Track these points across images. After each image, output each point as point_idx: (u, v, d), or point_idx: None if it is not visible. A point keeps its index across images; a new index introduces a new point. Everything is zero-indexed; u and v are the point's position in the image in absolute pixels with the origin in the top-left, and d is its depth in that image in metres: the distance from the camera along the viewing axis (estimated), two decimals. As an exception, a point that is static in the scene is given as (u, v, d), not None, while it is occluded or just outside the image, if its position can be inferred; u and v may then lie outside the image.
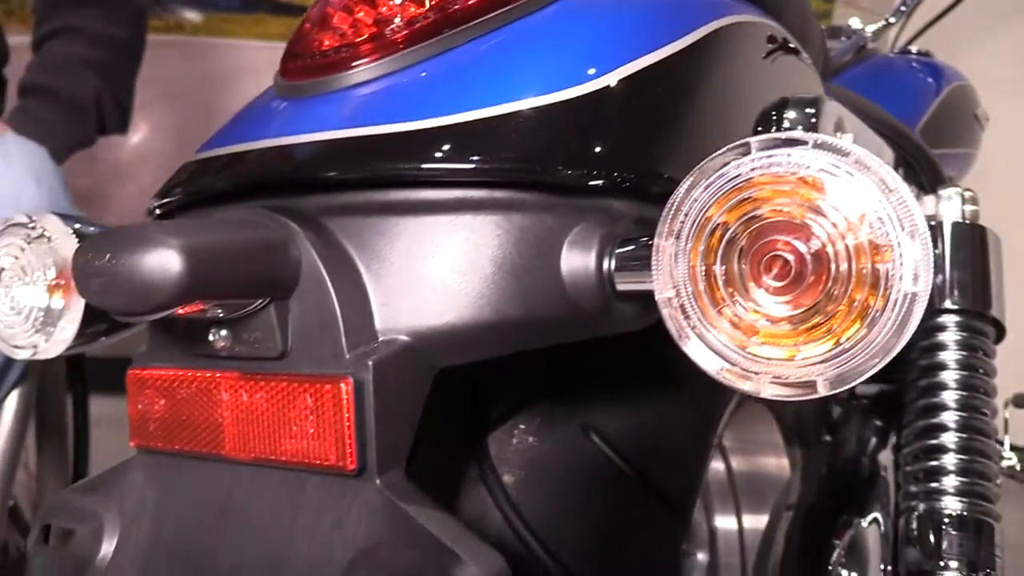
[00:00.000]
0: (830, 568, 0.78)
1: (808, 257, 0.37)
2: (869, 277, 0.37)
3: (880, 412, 1.14)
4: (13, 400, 1.10)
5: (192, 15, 2.47)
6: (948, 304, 0.94)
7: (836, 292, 0.38)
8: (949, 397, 0.91)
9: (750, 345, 0.38)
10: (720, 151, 0.39)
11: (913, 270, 0.36)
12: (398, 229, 0.46)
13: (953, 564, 0.85)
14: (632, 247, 0.46)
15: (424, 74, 0.50)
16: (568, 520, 0.58)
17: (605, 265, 0.46)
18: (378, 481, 0.43)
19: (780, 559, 0.77)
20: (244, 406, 0.46)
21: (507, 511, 0.57)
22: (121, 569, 0.49)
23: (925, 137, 1.28)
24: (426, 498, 0.43)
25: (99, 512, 0.51)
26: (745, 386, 0.39)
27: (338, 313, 0.44)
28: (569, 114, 0.47)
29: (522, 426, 0.61)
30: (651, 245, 0.44)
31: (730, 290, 0.39)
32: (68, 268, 0.61)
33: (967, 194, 0.96)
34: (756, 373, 0.39)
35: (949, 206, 0.97)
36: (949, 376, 0.92)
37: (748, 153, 0.38)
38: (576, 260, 0.46)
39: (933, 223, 1.02)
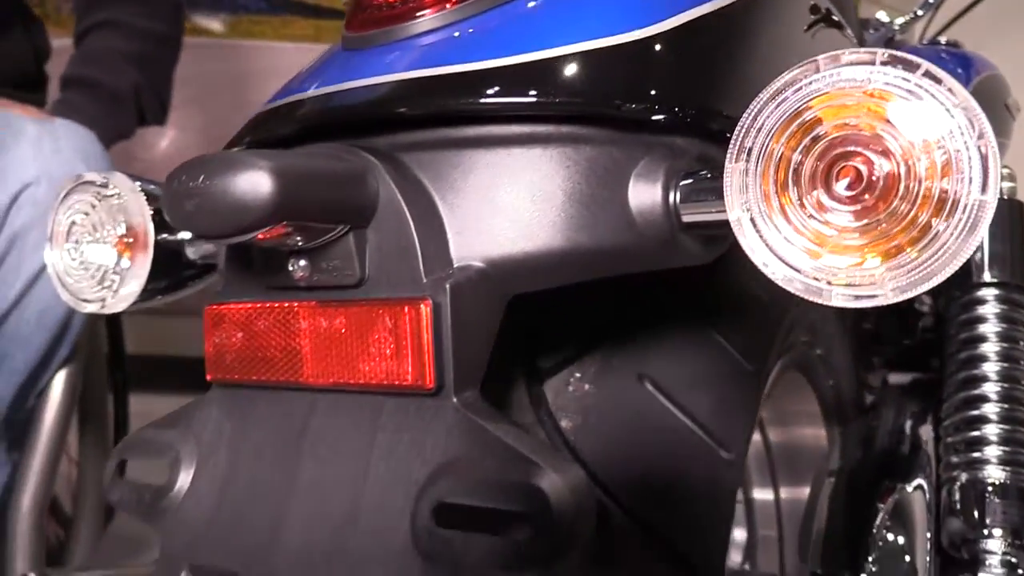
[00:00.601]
0: (875, 531, 0.79)
1: (879, 167, 0.39)
2: (938, 190, 0.39)
3: (919, 389, 1.15)
4: (60, 381, 1.12)
5: (216, 24, 2.52)
6: (987, 278, 0.95)
7: (903, 207, 0.39)
8: (990, 369, 0.92)
9: (822, 255, 0.40)
10: (788, 70, 0.41)
11: (982, 178, 0.38)
12: (471, 162, 0.48)
13: (997, 532, 0.86)
14: (695, 179, 0.48)
15: (488, 21, 0.52)
16: (626, 463, 0.59)
17: (671, 197, 0.48)
18: (455, 399, 0.44)
19: (824, 525, 0.78)
20: (323, 332, 0.48)
21: (565, 454, 0.58)
22: (199, 497, 0.51)
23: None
24: (502, 416, 0.44)
25: (175, 444, 0.53)
26: (816, 297, 0.40)
27: (416, 241, 0.46)
28: (631, 55, 0.49)
29: (578, 375, 0.62)
30: (714, 177, 0.46)
31: (803, 208, 0.41)
32: (136, 225, 0.63)
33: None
34: (828, 283, 0.40)
35: (986, 184, 0.98)
36: (989, 348, 0.93)
37: (817, 71, 0.40)
38: (642, 191, 0.48)
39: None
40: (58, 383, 1.12)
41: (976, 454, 0.92)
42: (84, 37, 1.33)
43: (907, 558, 0.75)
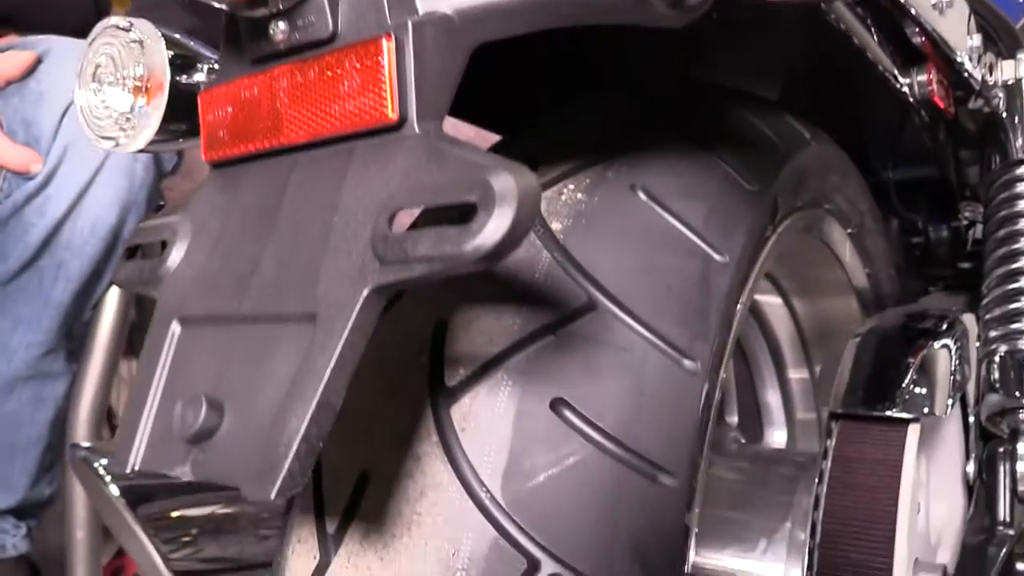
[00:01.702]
0: (906, 387, 0.77)
1: None
2: None
3: (968, 287, 1.12)
4: (114, 294, 1.19)
5: None
6: (1024, 155, 0.93)
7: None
8: (1029, 243, 0.90)
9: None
10: None
11: None
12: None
13: (1035, 400, 0.84)
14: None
15: None
16: (616, 260, 0.60)
17: (630, -53, 0.49)
18: (417, 129, 0.46)
19: (849, 372, 0.77)
20: (299, 87, 0.50)
21: (555, 253, 0.60)
22: (191, 261, 0.54)
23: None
24: (465, 143, 0.46)
25: (173, 224, 0.56)
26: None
27: (382, -10, 0.48)
28: None
29: (571, 186, 0.64)
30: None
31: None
32: (155, 66, 0.68)
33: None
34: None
35: (1028, 67, 0.97)
36: (1028, 223, 0.91)
37: None
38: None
39: (1011, 82, 1.01)
40: (112, 297, 1.18)
41: (1015, 326, 0.90)
42: (140, -18, 1.42)
43: (926, 408, 0.73)
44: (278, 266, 0.48)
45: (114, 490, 0.88)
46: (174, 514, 0.90)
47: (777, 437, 1.06)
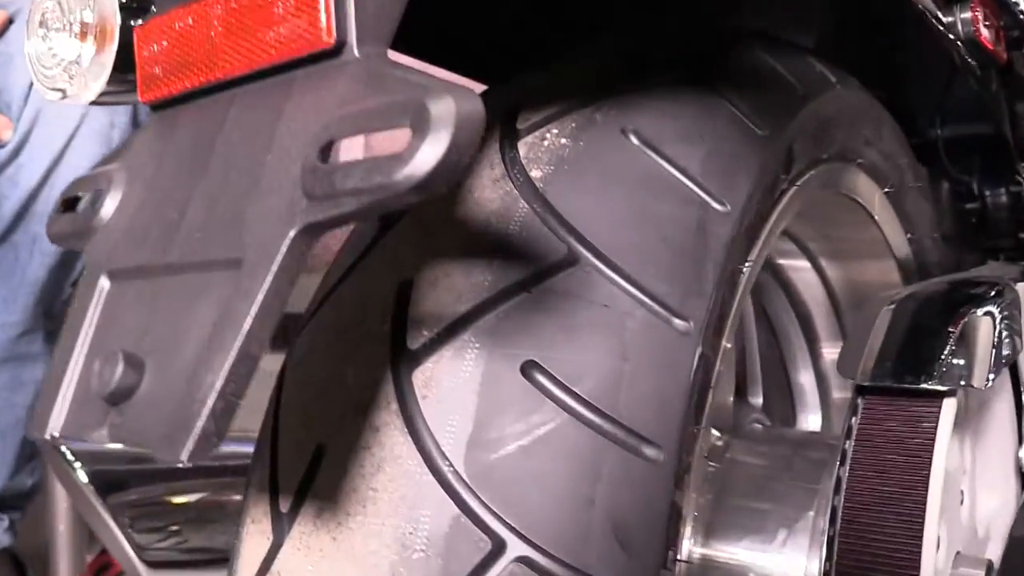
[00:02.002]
0: (943, 357, 0.73)
1: None
2: None
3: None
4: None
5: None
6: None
7: None
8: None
9: None
10: None
11: None
12: None
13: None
14: None
15: None
16: (601, 212, 0.57)
17: None
18: (357, 54, 0.44)
19: (881, 342, 0.73)
20: (233, 13, 0.48)
21: (533, 203, 0.57)
22: (122, 212, 0.52)
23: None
24: (411, 68, 0.44)
25: (109, 172, 0.55)
26: None
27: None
28: None
29: (555, 131, 0.61)
30: None
31: None
32: (106, 15, 0.66)
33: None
34: None
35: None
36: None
37: None
38: None
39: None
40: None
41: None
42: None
43: (963, 380, 0.69)
44: (207, 211, 0.46)
45: (83, 476, 0.88)
46: (147, 502, 0.89)
47: (811, 421, 1.03)
